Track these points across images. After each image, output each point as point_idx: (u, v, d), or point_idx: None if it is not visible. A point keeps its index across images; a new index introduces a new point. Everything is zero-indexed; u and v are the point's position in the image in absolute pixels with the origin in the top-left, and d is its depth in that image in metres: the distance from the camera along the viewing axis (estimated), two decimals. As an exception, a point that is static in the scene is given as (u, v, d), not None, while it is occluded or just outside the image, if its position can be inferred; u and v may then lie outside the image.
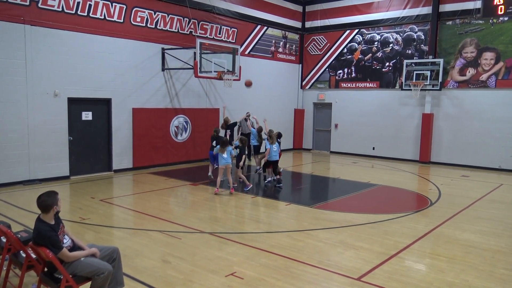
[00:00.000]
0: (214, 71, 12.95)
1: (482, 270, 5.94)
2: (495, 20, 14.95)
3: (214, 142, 12.18)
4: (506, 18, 14.69)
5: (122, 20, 12.61)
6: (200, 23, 14.95)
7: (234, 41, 16.27)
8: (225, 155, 10.28)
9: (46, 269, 4.37)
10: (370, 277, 5.56)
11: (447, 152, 16.06)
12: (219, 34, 15.73)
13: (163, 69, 13.87)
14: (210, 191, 10.68)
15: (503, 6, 14.44)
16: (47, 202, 4.21)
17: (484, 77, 15.27)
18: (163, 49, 13.76)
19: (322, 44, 19.46)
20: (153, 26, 13.48)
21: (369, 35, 17.98)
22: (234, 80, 13.59)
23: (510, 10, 14.38)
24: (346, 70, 18.77)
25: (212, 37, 15.37)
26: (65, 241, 4.37)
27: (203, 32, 15.09)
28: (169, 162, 14.25)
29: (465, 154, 15.60)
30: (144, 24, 13.22)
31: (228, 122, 13.47)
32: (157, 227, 7.52)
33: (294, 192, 11.47)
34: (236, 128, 14.15)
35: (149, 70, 13.50)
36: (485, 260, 6.30)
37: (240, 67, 13.62)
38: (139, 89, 13.27)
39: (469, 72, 15.58)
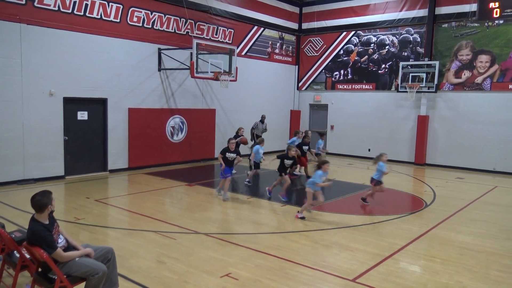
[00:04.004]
0: (211, 72, 12.95)
1: (476, 271, 5.96)
2: (490, 23, 15.04)
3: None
4: (501, 21, 14.78)
5: (118, 20, 12.58)
6: (197, 23, 14.95)
7: (230, 41, 16.27)
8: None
9: (40, 269, 4.35)
10: (365, 279, 5.57)
11: (442, 154, 16.13)
12: (216, 34, 15.73)
13: (159, 69, 13.85)
14: (205, 192, 10.66)
15: (498, 10, 14.61)
16: (41, 201, 4.19)
17: (479, 79, 15.36)
18: (159, 49, 13.74)
19: (318, 46, 19.50)
20: (150, 26, 13.46)
21: (366, 37, 18.03)
22: (230, 80, 13.59)
23: (505, 14, 14.52)
24: (342, 71, 18.81)
25: (208, 37, 15.36)
26: (59, 241, 4.35)
27: (200, 32, 15.08)
28: (164, 163, 14.21)
29: (460, 156, 15.67)
30: (140, 24, 13.19)
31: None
32: (152, 227, 7.50)
33: (290, 193, 11.46)
34: (249, 131, 14.25)
35: (146, 70, 13.47)
36: (479, 262, 6.33)
37: (236, 68, 13.63)
38: (135, 89, 13.24)
39: (464, 74, 15.66)
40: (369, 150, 17.83)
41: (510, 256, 6.62)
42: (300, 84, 20.21)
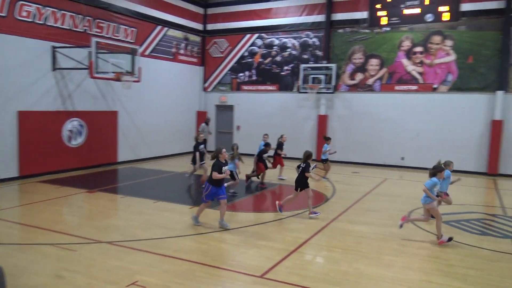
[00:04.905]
0: (112, 72, 12.36)
1: (371, 258, 6.50)
2: (379, 30, 16.49)
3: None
4: (388, 29, 16.28)
5: (4, 14, 11.40)
6: (96, 21, 14.14)
7: (133, 41, 15.67)
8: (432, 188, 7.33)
9: None
10: (272, 274, 5.76)
11: (339, 150, 17.21)
12: (117, 33, 15.03)
13: (54, 69, 12.84)
14: (108, 198, 10.14)
15: (386, 18, 16.11)
16: None
17: (370, 81, 16.75)
18: (53, 47, 12.73)
19: (223, 47, 19.66)
20: (42, 22, 12.41)
21: (269, 40, 18.62)
22: (133, 81, 13.12)
23: (391, 22, 16.05)
24: (247, 73, 19.20)
25: (109, 36, 14.62)
26: None
27: (99, 30, 14.29)
28: (62, 169, 13.20)
29: (355, 152, 16.93)
30: (31, 19, 12.10)
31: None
32: (49, 240, 6.93)
33: (198, 194, 11.40)
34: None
35: (38, 69, 12.40)
36: (373, 249, 6.90)
37: (140, 68, 13.18)
38: (26, 90, 12.10)
39: (358, 76, 16.97)
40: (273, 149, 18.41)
41: (397, 241, 7.33)
42: (206, 85, 20.19)
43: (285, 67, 18.34)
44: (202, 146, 11.97)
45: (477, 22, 14.95)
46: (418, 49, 15.88)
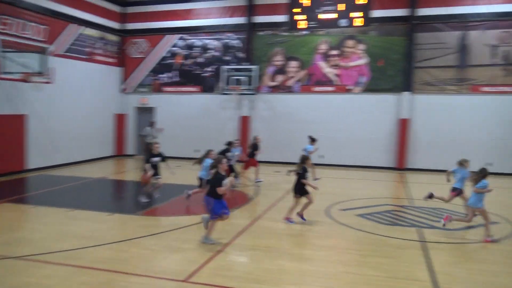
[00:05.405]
0: (20, 73, 11.45)
1: (293, 253, 6.72)
2: (297, 33, 17.07)
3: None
4: (306, 32, 16.93)
5: None
6: (0, 17, 13.00)
7: (45, 39, 14.61)
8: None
9: None
10: (196, 277, 5.70)
11: (263, 150, 17.57)
12: (25, 31, 13.92)
13: (-52, 69, 11.60)
14: (16, 210, 9.36)
15: (304, 21, 16.69)
16: None
17: (290, 83, 17.29)
18: None
19: (143, 47, 19.10)
20: None
21: (190, 41, 18.43)
22: (45, 82, 12.26)
23: (310, 25, 16.67)
24: (168, 74, 18.83)
25: (15, 33, 13.49)
26: None
27: (4, 27, 13.12)
28: (-38, 179, 11.95)
29: (278, 152, 17.33)
30: None
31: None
32: None
33: (117, 200, 10.97)
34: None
35: None
36: (296, 244, 7.16)
37: (52, 68, 12.34)
38: None
39: (278, 78, 17.43)
40: (197, 151, 18.27)
41: (317, 236, 7.66)
42: (125, 87, 19.45)
43: (207, 69, 18.29)
44: (157, 158, 10.17)
45: (386, 28, 16.12)
46: (334, 52, 16.70)
